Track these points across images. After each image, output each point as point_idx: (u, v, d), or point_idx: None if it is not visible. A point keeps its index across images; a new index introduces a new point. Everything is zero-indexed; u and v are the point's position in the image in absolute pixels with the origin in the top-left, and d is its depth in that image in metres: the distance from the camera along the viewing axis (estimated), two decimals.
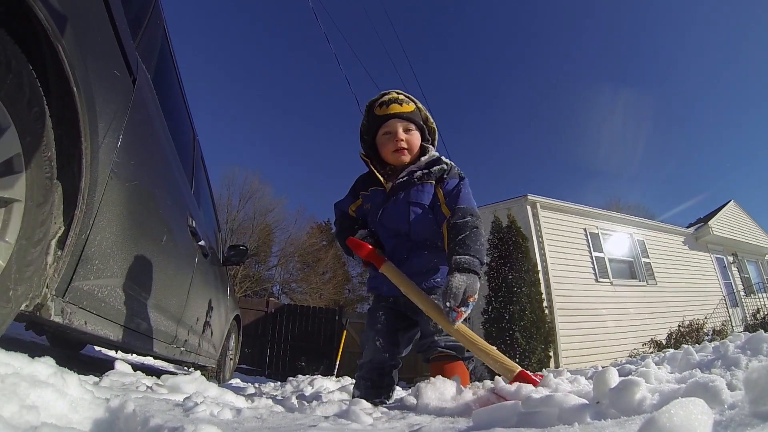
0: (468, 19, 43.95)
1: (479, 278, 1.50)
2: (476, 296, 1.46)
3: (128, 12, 1.43)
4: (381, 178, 1.82)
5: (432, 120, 1.88)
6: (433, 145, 1.90)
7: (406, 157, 1.80)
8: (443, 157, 1.84)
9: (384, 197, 1.81)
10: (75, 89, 1.04)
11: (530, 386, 1.22)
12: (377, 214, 1.81)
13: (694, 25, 48.07)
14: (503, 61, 48.40)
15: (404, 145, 1.78)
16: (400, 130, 1.77)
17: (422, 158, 1.81)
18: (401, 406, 1.31)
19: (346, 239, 1.81)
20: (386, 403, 1.66)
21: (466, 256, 1.50)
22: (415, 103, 1.84)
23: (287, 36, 41.57)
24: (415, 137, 1.81)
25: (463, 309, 1.42)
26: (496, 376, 1.35)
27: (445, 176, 1.75)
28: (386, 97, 1.83)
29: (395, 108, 1.78)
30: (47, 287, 1.10)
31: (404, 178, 1.79)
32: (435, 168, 1.77)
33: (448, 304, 1.41)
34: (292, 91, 45.29)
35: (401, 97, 1.83)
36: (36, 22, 0.92)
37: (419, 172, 1.77)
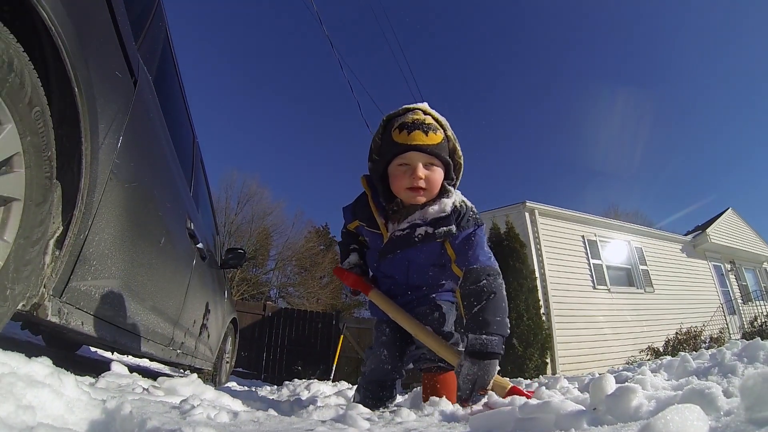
0: (463, 20, 44.22)
1: (499, 358, 1.36)
2: (490, 387, 1.34)
3: (130, 13, 1.44)
4: (380, 222, 1.62)
5: (460, 152, 1.57)
6: (455, 185, 1.61)
7: (422, 199, 1.52)
8: (458, 200, 1.58)
9: (381, 247, 1.63)
10: (76, 89, 1.04)
11: (523, 398, 1.22)
12: (375, 260, 1.73)
13: (694, 28, 48.46)
14: (501, 63, 48.69)
15: (422, 184, 1.47)
16: (420, 166, 1.46)
17: (431, 208, 1.52)
18: (398, 411, 1.30)
19: (334, 268, 1.85)
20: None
21: (484, 336, 1.34)
22: (444, 131, 1.52)
23: (288, 38, 41.77)
24: (437, 175, 1.50)
25: (470, 404, 1.34)
26: (489, 392, 1.34)
27: (454, 231, 1.52)
28: (409, 118, 1.48)
29: (419, 138, 1.44)
30: (44, 287, 1.10)
31: (405, 232, 1.55)
32: (442, 230, 1.51)
33: (459, 394, 1.38)
34: (291, 94, 45.48)
35: (429, 121, 1.48)
36: (39, 22, 0.92)
37: (423, 229, 1.52)
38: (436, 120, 1.52)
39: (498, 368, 1.37)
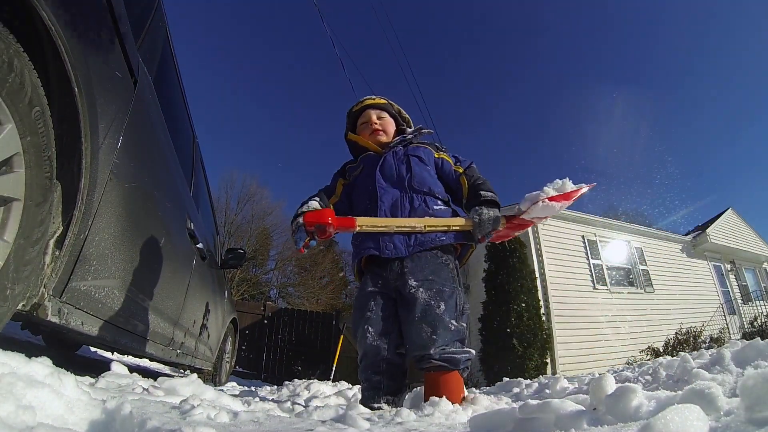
0: (463, 20, 44.23)
1: (499, 210, 1.77)
2: (504, 223, 1.79)
3: (131, 13, 1.44)
4: (373, 145, 1.96)
5: (405, 113, 2.10)
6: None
7: (383, 137, 1.98)
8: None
9: (379, 155, 1.93)
10: (76, 89, 1.04)
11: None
12: (375, 167, 1.87)
13: (696, 30, 48.42)
14: (501, 64, 48.68)
15: (378, 126, 1.99)
16: (374, 117, 2.01)
17: (408, 129, 2.04)
18: (398, 411, 1.30)
19: (304, 216, 1.65)
20: (385, 408, 1.61)
21: (490, 193, 1.79)
22: (387, 100, 2.07)
23: (288, 39, 41.72)
24: (389, 122, 2.03)
25: (486, 240, 1.77)
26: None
27: (442, 148, 1.97)
28: (360, 99, 2.08)
29: (368, 101, 2.03)
30: (44, 287, 1.10)
31: (397, 140, 1.95)
32: (423, 130, 2.01)
33: (479, 233, 1.72)
34: (291, 94, 45.37)
35: (374, 95, 2.08)
36: (39, 22, 0.92)
37: (410, 135, 1.97)
38: (379, 96, 2.07)
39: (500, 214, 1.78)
